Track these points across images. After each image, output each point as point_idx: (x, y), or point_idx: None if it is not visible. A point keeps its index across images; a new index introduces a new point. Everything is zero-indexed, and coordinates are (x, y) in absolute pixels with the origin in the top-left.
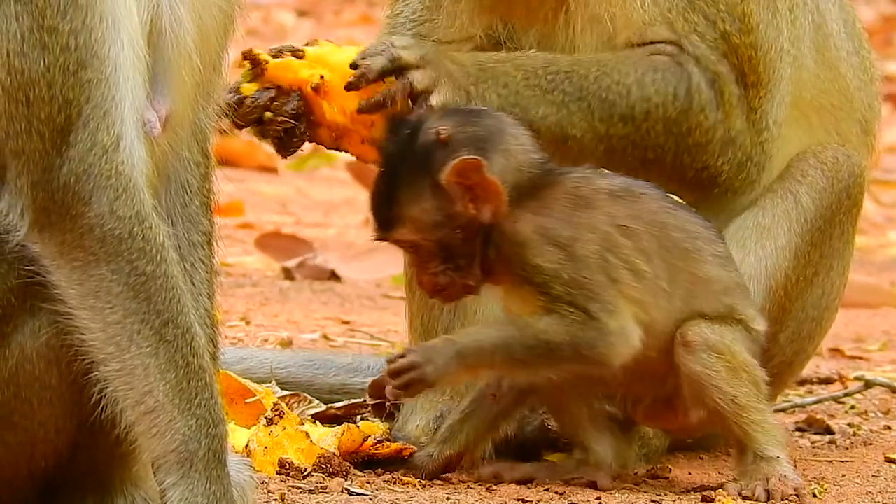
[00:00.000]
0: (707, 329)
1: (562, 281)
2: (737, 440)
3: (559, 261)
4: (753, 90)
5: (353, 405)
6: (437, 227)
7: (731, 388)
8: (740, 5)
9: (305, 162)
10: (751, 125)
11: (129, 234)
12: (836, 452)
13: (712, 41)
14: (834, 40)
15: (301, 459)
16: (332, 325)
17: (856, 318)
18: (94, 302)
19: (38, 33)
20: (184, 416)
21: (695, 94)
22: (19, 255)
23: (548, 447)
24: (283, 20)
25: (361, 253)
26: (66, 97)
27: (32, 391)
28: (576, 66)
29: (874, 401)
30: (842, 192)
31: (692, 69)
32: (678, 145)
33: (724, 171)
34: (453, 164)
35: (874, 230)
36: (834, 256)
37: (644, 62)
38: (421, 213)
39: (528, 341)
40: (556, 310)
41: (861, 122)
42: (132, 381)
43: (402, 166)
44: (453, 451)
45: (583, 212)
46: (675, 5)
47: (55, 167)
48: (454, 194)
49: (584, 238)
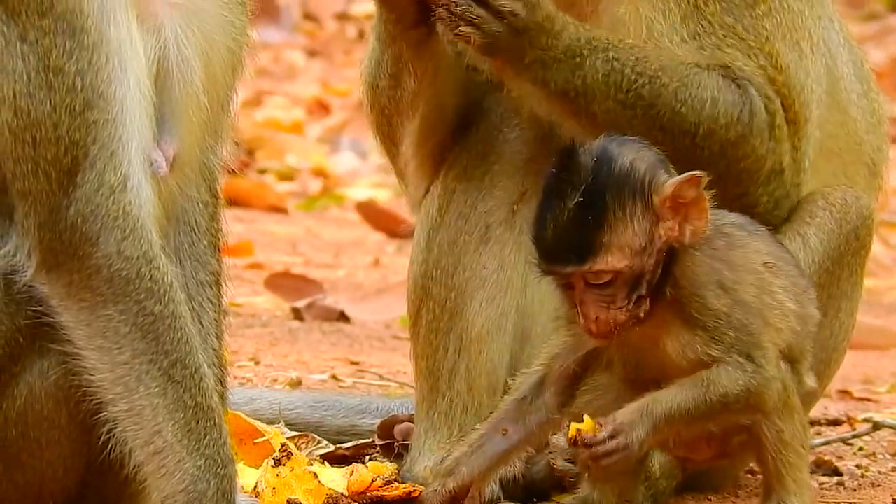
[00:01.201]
0: (782, 362)
1: (732, 326)
2: (767, 479)
3: (728, 305)
4: (793, 126)
5: (362, 446)
6: (641, 253)
7: (781, 421)
8: (767, 45)
9: (315, 202)
10: (794, 162)
11: (136, 274)
12: (844, 494)
13: (755, 71)
14: (844, 83)
15: (309, 500)
16: (342, 365)
17: (864, 360)
18: (102, 342)
19: (45, 74)
20: (192, 457)
21: (755, 119)
22: (27, 296)
23: (554, 488)
24: (293, 59)
25: (370, 294)
26: (73, 138)
27: (41, 431)
28: (661, 73)
29: (882, 442)
30: (850, 234)
31: (752, 92)
32: (728, 169)
33: (761, 203)
34: (678, 180)
35: (883, 272)
36: (842, 297)
37: (718, 80)
38: (632, 239)
39: (711, 399)
40: (729, 361)
41: (869, 165)
42: (141, 421)
43: (598, 192)
44: (457, 485)
45: (736, 251)
46: (706, 44)
47: (62, 208)
48: (663, 215)
49: (744, 281)
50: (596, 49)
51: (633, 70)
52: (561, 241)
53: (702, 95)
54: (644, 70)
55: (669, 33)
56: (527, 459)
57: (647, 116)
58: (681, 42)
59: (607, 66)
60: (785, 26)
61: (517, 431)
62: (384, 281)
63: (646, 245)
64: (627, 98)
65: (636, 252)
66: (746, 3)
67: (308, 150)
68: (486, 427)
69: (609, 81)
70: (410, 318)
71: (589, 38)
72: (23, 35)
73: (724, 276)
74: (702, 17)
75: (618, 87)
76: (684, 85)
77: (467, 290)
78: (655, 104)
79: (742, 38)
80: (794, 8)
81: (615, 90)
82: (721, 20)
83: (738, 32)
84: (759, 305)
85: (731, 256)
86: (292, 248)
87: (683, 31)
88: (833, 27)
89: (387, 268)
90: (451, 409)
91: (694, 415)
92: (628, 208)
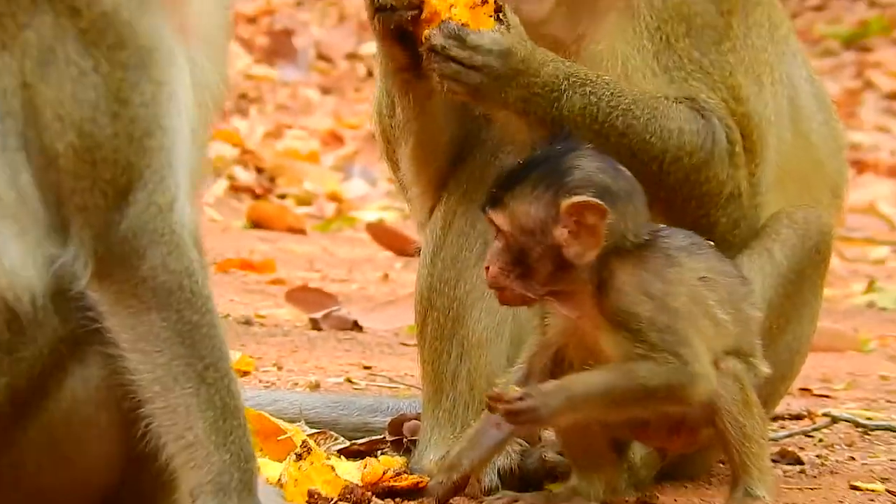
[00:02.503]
0: (736, 362)
1: (656, 329)
2: (733, 469)
3: (652, 311)
4: (751, 154)
5: (375, 441)
6: (527, 233)
7: (742, 417)
8: (730, 78)
9: (330, 224)
10: (750, 187)
11: (178, 286)
12: (805, 481)
13: (718, 102)
14: (806, 112)
15: (328, 490)
16: (355, 370)
17: (823, 361)
18: (145, 346)
19: (112, 103)
20: (219, 451)
21: (717, 147)
22: (77, 303)
23: (546, 478)
24: (309, 96)
25: (380, 305)
26: (129, 161)
27: (85, 429)
28: (633, 107)
29: (840, 435)
30: (812, 249)
31: (715, 122)
32: (691, 192)
33: (720, 224)
34: (584, 199)
35: (839, 282)
36: (804, 306)
37: (684, 112)
38: (523, 215)
39: (631, 386)
40: (654, 356)
41: (832, 187)
42: (175, 417)
43: (539, 173)
44: (460, 476)
45: (673, 268)
46: (675, 77)
47: (115, 223)
48: (563, 221)
49: (674, 292)
50: (574, 84)
51: (607, 104)
52: (494, 186)
53: (669, 126)
54: (618, 103)
55: (643, 67)
56: (522, 453)
57: (620, 144)
58: (652, 75)
59: (584, 99)
60: (747, 62)
61: (507, 424)
62: (393, 294)
63: (534, 230)
64: (602, 128)
65: (524, 229)
66: (713, 40)
67: (323, 177)
68: (481, 422)
69: (585, 113)
70: (417, 327)
71: (567, 74)
72: (96, 67)
73: (653, 286)
74: (672, 52)
75: (593, 119)
76: (654, 117)
77: (468, 301)
78: (627, 134)
79: (708, 73)
80: (757, 45)
81: (591, 121)
82: (689, 55)
83: (704, 67)
84: (690, 313)
85: (666, 272)
86: (310, 265)
87: (655, 65)
88: (796, 62)
89: (395, 282)
90: (454, 407)
91: (614, 399)
92: (538, 192)
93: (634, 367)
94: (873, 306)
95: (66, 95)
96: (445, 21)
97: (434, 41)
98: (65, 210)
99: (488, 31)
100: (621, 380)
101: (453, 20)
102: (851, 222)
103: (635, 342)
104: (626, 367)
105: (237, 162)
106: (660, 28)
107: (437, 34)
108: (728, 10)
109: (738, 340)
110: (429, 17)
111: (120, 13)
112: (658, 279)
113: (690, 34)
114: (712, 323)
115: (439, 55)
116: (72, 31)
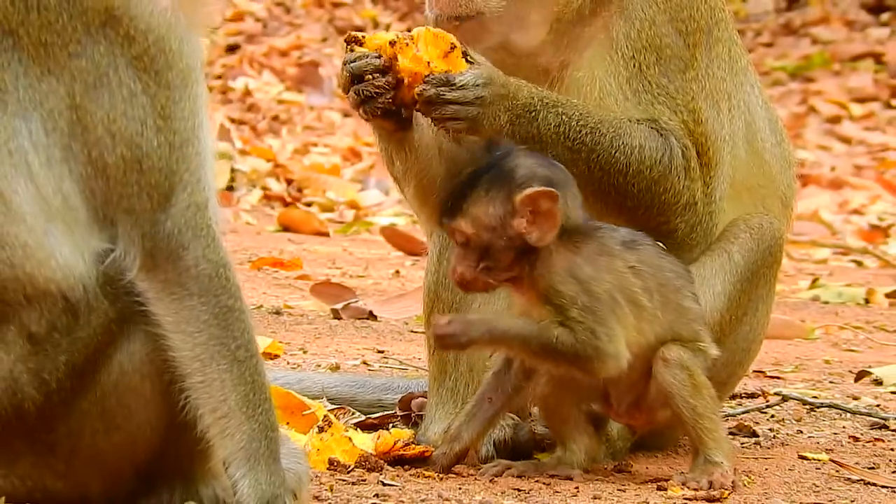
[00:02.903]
0: (682, 351)
1: (576, 306)
2: (692, 443)
3: (577, 292)
4: (707, 168)
5: (387, 416)
6: (490, 230)
7: (692, 399)
8: (692, 102)
9: (349, 228)
10: (705, 196)
11: (216, 274)
12: (759, 451)
13: (678, 124)
14: (761, 134)
15: (346, 459)
16: (370, 354)
17: (775, 347)
18: (186, 327)
19: (158, 119)
20: (249, 421)
21: (674, 161)
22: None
23: (536, 448)
24: (332, 118)
25: (392, 298)
26: (172, 168)
27: (132, 399)
28: (600, 126)
29: (789, 411)
30: (765, 252)
31: (672, 140)
32: (652, 200)
33: (679, 229)
34: (536, 190)
35: (788, 279)
36: (759, 300)
37: (645, 131)
38: (484, 215)
39: (543, 341)
40: (571, 325)
41: (782, 199)
42: (211, 391)
43: (486, 175)
44: (461, 447)
45: (604, 257)
46: (643, 99)
47: (161, 222)
48: (520, 213)
49: (600, 278)
50: (547, 105)
51: (577, 122)
52: (447, 202)
53: (632, 143)
54: (587, 122)
55: (616, 91)
56: (514, 426)
57: (590, 159)
58: (624, 99)
59: (557, 118)
60: (708, 88)
61: (499, 398)
62: (403, 288)
63: (496, 227)
64: (573, 145)
65: (486, 227)
66: (679, 68)
67: (344, 187)
68: (476, 398)
69: (559, 131)
70: (425, 317)
71: (541, 97)
72: (146, 89)
73: (582, 271)
74: (643, 78)
75: (566, 136)
76: (618, 135)
77: (469, 293)
78: (595, 149)
79: (672, 97)
80: (718, 75)
81: (563, 138)
82: (658, 81)
83: (670, 92)
84: (611, 301)
85: (597, 260)
86: (332, 263)
87: (627, 90)
88: (753, 92)
89: (405, 278)
90: (456, 386)
91: (525, 347)
92: (492, 193)
93: (551, 326)
94: (817, 300)
95: (117, 114)
96: (429, 75)
97: (428, 94)
98: (111, 212)
99: (467, 70)
100: (536, 332)
101: (434, 73)
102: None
103: (556, 314)
104: (545, 324)
105: (270, 174)
106: (634, 57)
107: (428, 87)
108: (693, 43)
109: (674, 327)
110: (410, 82)
111: (170, 39)
112: (588, 265)
113: (660, 63)
114: (637, 309)
115: (435, 103)
116: (124, 58)
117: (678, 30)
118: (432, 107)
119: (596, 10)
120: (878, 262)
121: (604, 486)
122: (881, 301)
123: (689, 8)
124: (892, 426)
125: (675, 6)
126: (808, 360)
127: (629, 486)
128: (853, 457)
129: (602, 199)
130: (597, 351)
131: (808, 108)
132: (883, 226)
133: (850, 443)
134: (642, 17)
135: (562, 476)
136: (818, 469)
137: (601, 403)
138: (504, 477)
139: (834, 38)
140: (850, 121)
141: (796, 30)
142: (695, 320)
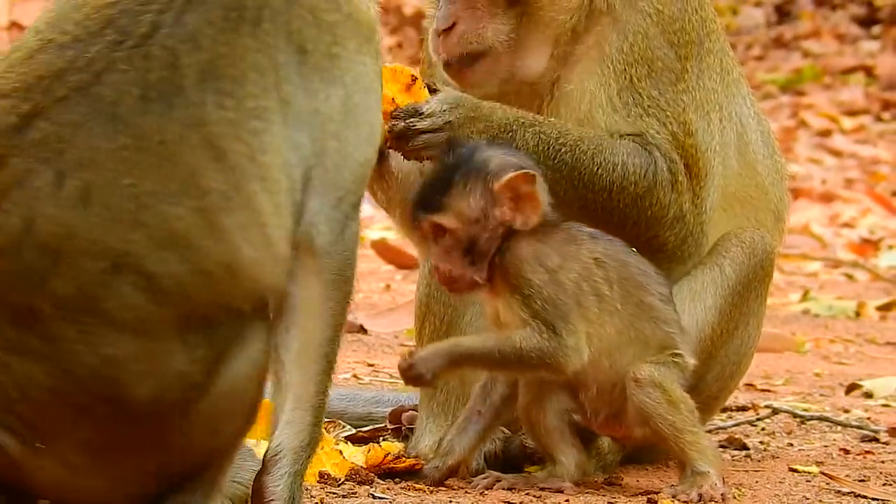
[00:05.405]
0: (654, 370)
1: (542, 298)
2: (677, 457)
3: (544, 281)
4: (696, 180)
5: (377, 429)
6: (473, 223)
7: (670, 416)
8: (682, 114)
9: None
10: (694, 208)
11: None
12: (750, 464)
13: (666, 137)
14: (753, 147)
15: (336, 471)
16: (361, 367)
17: (765, 360)
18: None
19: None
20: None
21: (658, 175)
22: None
23: (526, 461)
24: None
25: (383, 311)
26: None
27: (236, 404)
28: (580, 143)
29: (780, 424)
30: (757, 265)
31: (657, 155)
32: (639, 215)
33: (669, 242)
34: (514, 174)
35: (779, 292)
36: (750, 314)
37: (628, 146)
38: (466, 208)
39: (506, 350)
40: (531, 324)
41: (774, 212)
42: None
43: (460, 168)
44: (453, 461)
45: (570, 246)
46: (632, 112)
47: (340, 208)
48: (500, 201)
49: (568, 267)
50: (524, 125)
51: (556, 140)
52: (422, 198)
53: (614, 160)
54: (566, 140)
55: (605, 104)
56: (505, 439)
57: (571, 177)
58: (613, 111)
59: (535, 138)
60: (698, 100)
61: (487, 410)
62: (394, 301)
63: (479, 218)
64: (554, 164)
65: (469, 220)
66: (670, 80)
67: None
68: (466, 412)
69: (538, 150)
70: (416, 329)
71: (516, 117)
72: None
73: (549, 258)
74: (634, 90)
75: (546, 155)
76: (599, 151)
77: (460, 307)
78: (577, 167)
79: (663, 109)
80: (708, 86)
81: (543, 157)
82: (649, 93)
83: (660, 104)
84: (576, 290)
85: (565, 248)
86: None
87: (617, 102)
88: (745, 103)
89: (395, 291)
90: (447, 399)
91: (491, 361)
92: (470, 185)
93: (512, 335)
94: (808, 313)
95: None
96: (395, 109)
97: (398, 128)
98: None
99: (433, 98)
100: (499, 344)
101: (399, 107)
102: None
103: (522, 305)
104: (503, 334)
105: None
106: (625, 70)
107: (398, 122)
108: (685, 55)
109: (635, 323)
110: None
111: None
112: (556, 254)
113: (651, 75)
114: (598, 299)
115: (406, 136)
116: (377, 67)
117: (670, 42)
118: (403, 140)
119: (589, 26)
120: (868, 275)
121: (594, 499)
122: (872, 314)
123: (680, 20)
124: (882, 439)
125: (668, 18)
126: (798, 373)
127: (619, 499)
128: (843, 469)
129: (588, 215)
130: (559, 344)
131: (799, 121)
132: (873, 239)
133: (841, 455)
134: (635, 30)
135: (552, 489)
136: (808, 482)
137: (580, 413)
138: (494, 489)
139: (825, 52)
140: (840, 134)
141: (787, 43)
142: (664, 321)
